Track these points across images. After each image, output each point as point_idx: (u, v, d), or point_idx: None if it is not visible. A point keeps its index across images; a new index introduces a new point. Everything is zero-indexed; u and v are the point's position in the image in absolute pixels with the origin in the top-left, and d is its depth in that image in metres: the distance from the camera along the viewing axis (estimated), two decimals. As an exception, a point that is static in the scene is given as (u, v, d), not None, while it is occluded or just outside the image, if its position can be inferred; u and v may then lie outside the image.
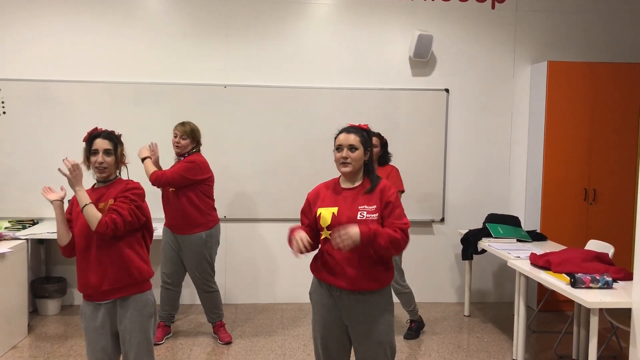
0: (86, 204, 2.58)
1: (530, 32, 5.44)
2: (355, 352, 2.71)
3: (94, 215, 2.57)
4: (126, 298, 2.71)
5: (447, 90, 5.37)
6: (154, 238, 2.93)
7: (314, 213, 2.67)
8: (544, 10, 5.43)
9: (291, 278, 5.37)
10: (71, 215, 2.75)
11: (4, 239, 4.33)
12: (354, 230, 2.42)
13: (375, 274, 2.61)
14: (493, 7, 5.39)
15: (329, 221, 2.59)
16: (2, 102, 4.97)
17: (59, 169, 2.63)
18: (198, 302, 5.18)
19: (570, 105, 5.11)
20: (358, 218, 2.55)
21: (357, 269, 2.57)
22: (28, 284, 4.53)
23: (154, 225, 2.97)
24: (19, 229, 4.68)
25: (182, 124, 4.21)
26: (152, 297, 2.81)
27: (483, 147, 5.47)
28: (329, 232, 2.58)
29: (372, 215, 2.55)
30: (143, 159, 4.16)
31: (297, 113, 5.22)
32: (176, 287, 4.34)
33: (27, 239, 4.46)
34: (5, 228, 4.71)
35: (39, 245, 5.03)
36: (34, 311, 4.91)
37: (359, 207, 2.58)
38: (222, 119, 5.15)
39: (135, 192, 2.71)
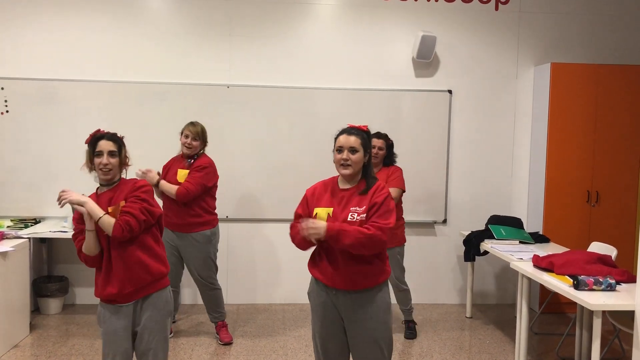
0: (101, 216, 2.58)
1: (534, 34, 5.43)
2: (352, 350, 2.71)
3: (109, 223, 2.58)
4: (147, 297, 2.71)
5: (450, 92, 5.37)
6: None
7: (311, 211, 2.68)
8: (548, 12, 5.42)
9: (293, 278, 5.36)
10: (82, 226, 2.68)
11: (6, 238, 4.33)
12: (321, 224, 2.48)
13: (370, 271, 2.61)
14: (497, 8, 5.38)
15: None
16: (5, 101, 4.97)
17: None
18: (199, 302, 5.18)
19: (574, 107, 5.10)
20: (349, 219, 2.56)
21: (351, 267, 2.58)
22: (30, 283, 4.53)
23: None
24: (21, 228, 4.68)
25: (193, 124, 4.18)
26: (170, 294, 2.82)
27: (486, 148, 5.47)
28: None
29: (361, 216, 2.56)
30: (156, 183, 4.06)
31: (300, 113, 5.22)
32: (175, 287, 4.35)
33: (29, 238, 4.46)
34: (8, 227, 4.71)
35: (41, 244, 5.03)
36: (36, 310, 4.92)
37: (351, 209, 2.59)
38: (225, 119, 5.15)
39: (144, 190, 2.71)
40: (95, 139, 2.73)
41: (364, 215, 2.55)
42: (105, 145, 2.69)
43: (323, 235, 2.47)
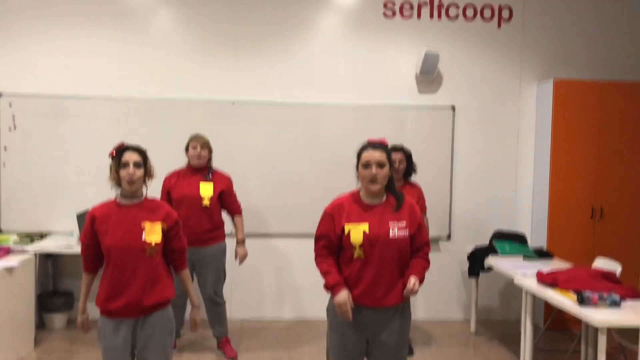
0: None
1: (537, 51, 5.47)
2: None
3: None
4: (148, 316, 2.73)
5: (453, 108, 5.40)
6: None
7: (340, 228, 2.63)
8: (550, 29, 5.47)
9: (298, 294, 5.36)
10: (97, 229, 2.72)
11: (12, 253, 4.35)
12: (414, 281, 2.57)
13: (400, 288, 2.64)
14: (499, 26, 5.43)
15: (361, 239, 2.57)
16: (13, 117, 5.02)
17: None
18: (203, 317, 5.17)
19: (577, 123, 5.12)
20: (390, 235, 2.58)
21: (385, 286, 2.60)
22: (35, 298, 4.54)
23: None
24: (27, 243, 4.70)
25: (198, 135, 4.30)
26: (171, 313, 2.84)
27: (489, 164, 5.48)
28: (362, 249, 2.58)
29: (403, 232, 2.61)
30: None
31: (304, 129, 5.26)
32: (184, 304, 4.35)
33: (35, 253, 4.48)
34: (14, 242, 4.73)
35: (46, 259, 5.04)
36: (41, 325, 4.92)
37: (390, 223, 2.60)
38: (230, 135, 5.18)
39: (180, 222, 2.87)
40: (120, 151, 2.76)
41: (407, 230, 2.62)
42: (130, 156, 2.72)
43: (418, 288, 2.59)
